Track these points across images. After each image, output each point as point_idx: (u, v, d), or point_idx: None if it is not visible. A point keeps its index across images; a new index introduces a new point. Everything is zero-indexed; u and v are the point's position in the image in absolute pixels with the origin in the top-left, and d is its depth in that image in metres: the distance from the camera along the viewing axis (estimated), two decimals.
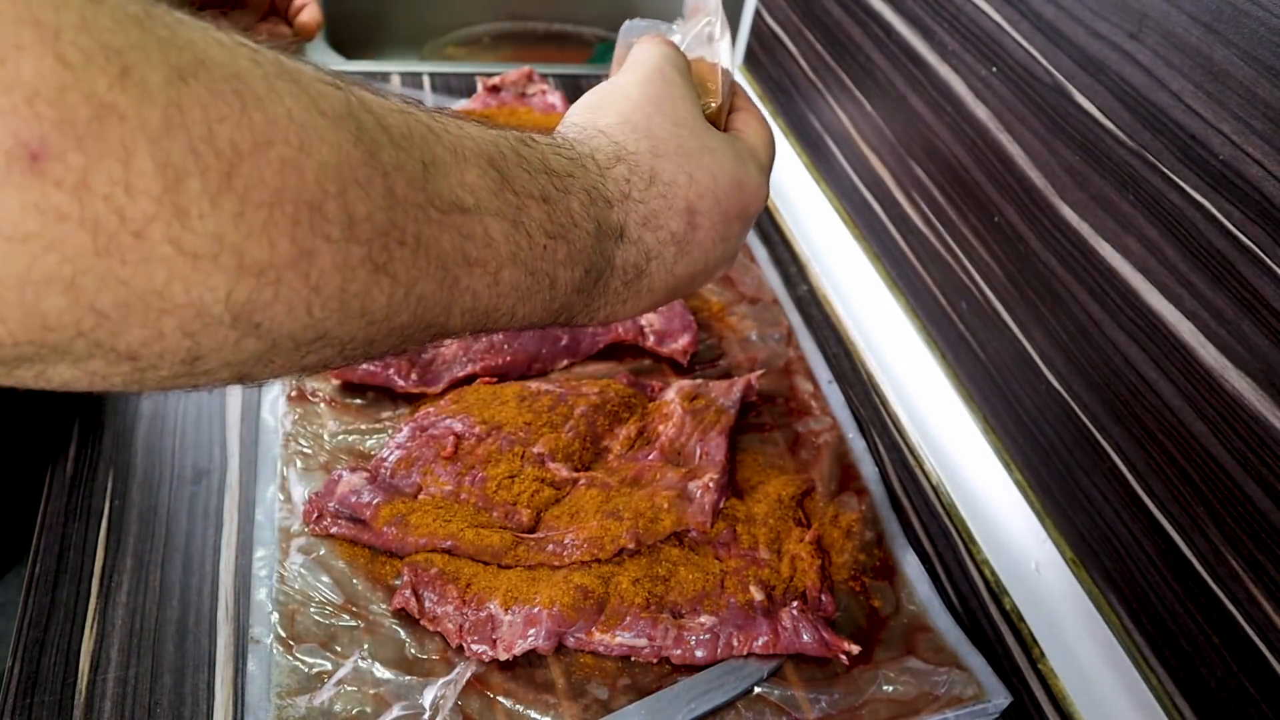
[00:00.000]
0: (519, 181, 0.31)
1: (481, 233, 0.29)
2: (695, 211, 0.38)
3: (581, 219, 0.34)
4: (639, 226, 0.37)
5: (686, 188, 0.38)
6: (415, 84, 0.84)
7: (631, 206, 0.36)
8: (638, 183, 0.37)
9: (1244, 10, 0.38)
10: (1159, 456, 0.44)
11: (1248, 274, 0.39)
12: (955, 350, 0.59)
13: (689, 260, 0.39)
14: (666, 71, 0.40)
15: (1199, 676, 0.43)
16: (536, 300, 0.33)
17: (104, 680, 0.42)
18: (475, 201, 0.29)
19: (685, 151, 0.38)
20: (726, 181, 0.39)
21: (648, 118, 0.38)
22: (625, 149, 0.37)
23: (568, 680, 0.44)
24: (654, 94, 0.39)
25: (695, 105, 0.40)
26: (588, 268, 0.34)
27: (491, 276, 0.30)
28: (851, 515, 0.53)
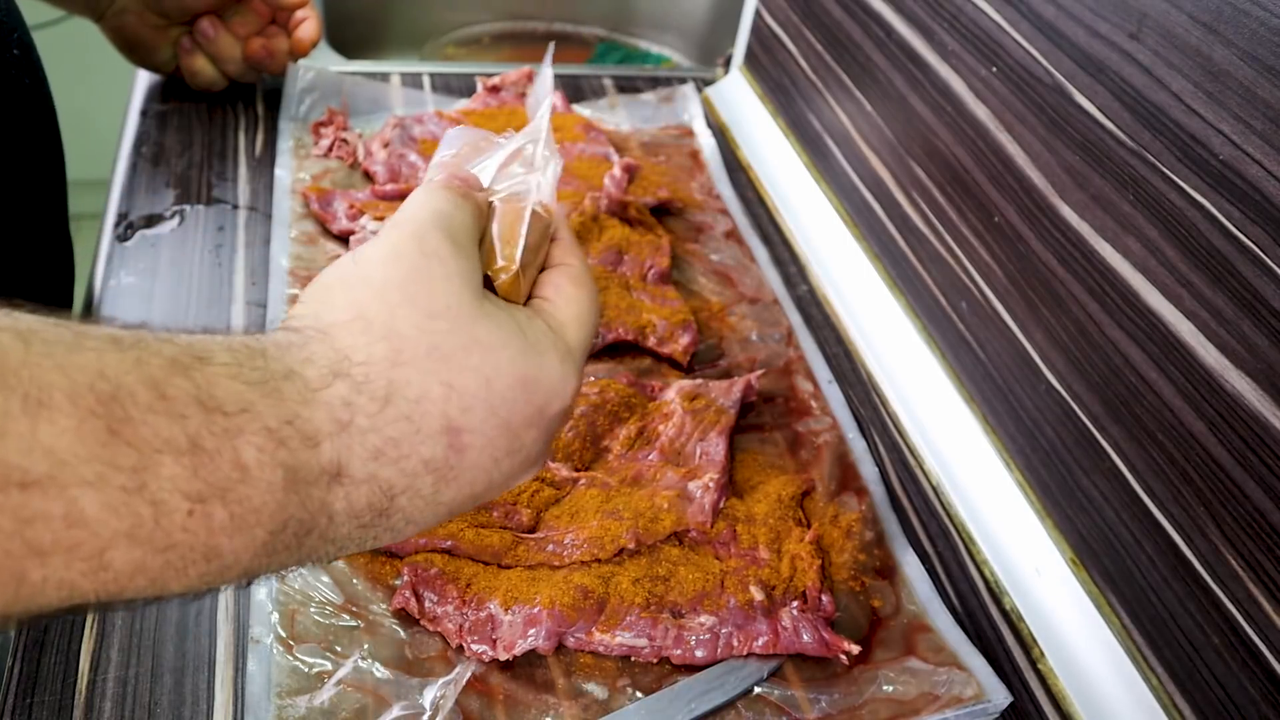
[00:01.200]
0: (145, 430, 0.23)
1: (61, 512, 0.22)
2: (459, 430, 0.30)
3: (257, 469, 0.25)
4: (369, 461, 0.28)
5: (443, 402, 0.30)
6: (415, 84, 0.84)
7: (354, 438, 0.28)
8: (365, 405, 0.28)
9: (1244, 10, 0.38)
10: (1159, 456, 0.44)
11: (1248, 274, 0.39)
12: (955, 350, 0.59)
13: (459, 485, 0.31)
14: (427, 240, 0.31)
15: (1199, 676, 0.43)
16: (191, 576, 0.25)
17: (104, 680, 0.42)
18: (49, 470, 0.22)
19: (442, 353, 0.30)
20: (506, 385, 0.31)
21: (390, 310, 0.30)
22: (350, 360, 0.28)
23: (568, 680, 0.44)
24: (402, 276, 0.30)
25: (465, 283, 0.32)
26: (276, 528, 0.26)
27: (88, 563, 0.23)
28: (851, 515, 0.53)
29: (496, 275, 0.35)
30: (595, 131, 0.78)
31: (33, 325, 0.23)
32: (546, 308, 0.36)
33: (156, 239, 0.65)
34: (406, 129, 0.74)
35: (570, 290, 0.37)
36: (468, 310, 0.31)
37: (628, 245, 0.66)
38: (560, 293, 0.36)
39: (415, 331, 0.30)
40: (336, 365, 0.28)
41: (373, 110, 0.79)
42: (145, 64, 0.77)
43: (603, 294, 0.62)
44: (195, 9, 0.72)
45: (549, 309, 0.36)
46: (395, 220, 0.33)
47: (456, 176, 0.36)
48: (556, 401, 0.33)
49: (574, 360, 0.34)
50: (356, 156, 0.73)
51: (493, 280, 0.35)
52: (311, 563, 0.29)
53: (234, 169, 0.72)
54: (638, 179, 0.75)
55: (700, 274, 0.69)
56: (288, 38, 0.76)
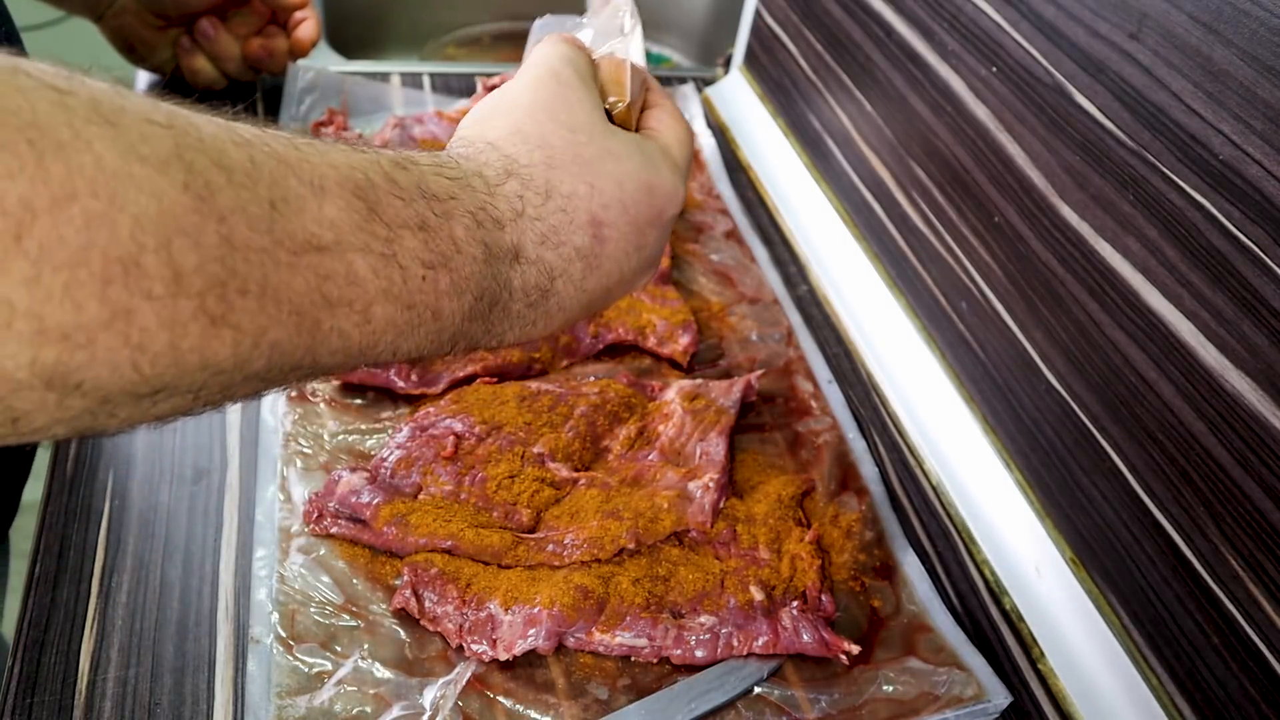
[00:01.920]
0: (390, 211, 0.29)
1: (344, 271, 0.27)
2: (601, 223, 0.36)
3: (466, 244, 0.31)
4: (537, 245, 0.34)
5: (588, 199, 0.36)
6: (415, 84, 0.84)
7: (526, 225, 0.34)
8: (532, 198, 0.34)
9: (1244, 10, 0.38)
10: (1159, 456, 0.44)
11: (1248, 274, 0.39)
12: (955, 350, 0.59)
13: (600, 274, 0.37)
14: (561, 73, 0.38)
15: (1199, 676, 0.43)
16: (420, 334, 0.31)
17: (104, 680, 0.42)
18: (335, 238, 0.27)
19: (584, 159, 0.36)
20: (634, 187, 0.37)
21: (540, 126, 0.36)
22: (517, 162, 0.35)
23: (568, 680, 0.44)
24: (547, 99, 0.37)
25: (595, 107, 0.38)
26: (478, 295, 0.32)
27: (360, 315, 0.28)
28: (851, 515, 0.53)
29: (613, 108, 0.41)
30: None
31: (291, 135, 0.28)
32: (654, 134, 0.42)
33: None
34: (406, 129, 0.74)
35: (669, 121, 0.43)
36: (600, 127, 0.37)
37: None
38: (662, 123, 0.43)
39: (562, 142, 0.36)
40: (508, 166, 0.34)
41: (373, 110, 0.79)
42: (144, 65, 0.77)
43: None
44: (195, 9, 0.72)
45: (656, 134, 0.42)
46: (531, 63, 0.39)
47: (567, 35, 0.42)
48: (671, 206, 0.39)
49: (681, 173, 0.41)
50: None
51: (609, 112, 0.41)
52: (491, 340, 0.35)
53: None
54: None
55: (700, 274, 0.69)
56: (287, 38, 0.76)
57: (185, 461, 0.52)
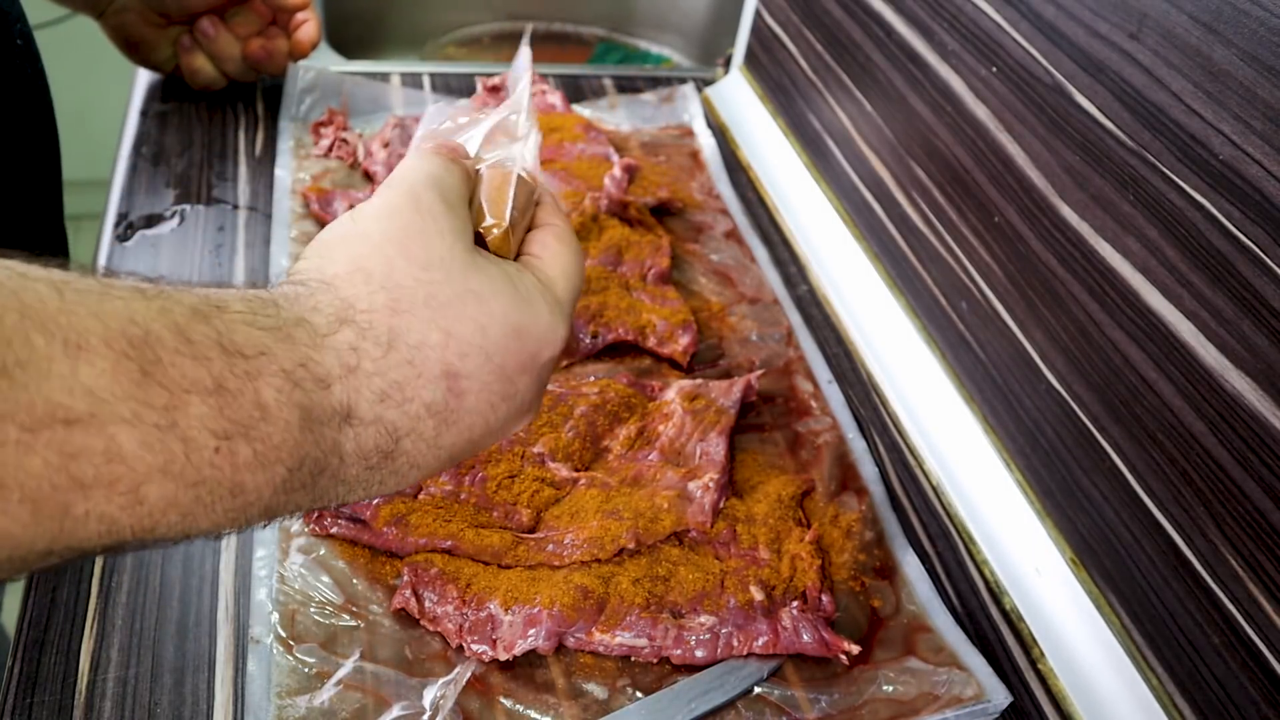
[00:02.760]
0: (174, 372, 0.25)
1: (101, 447, 0.23)
2: (457, 375, 0.32)
3: (277, 409, 0.27)
4: (375, 404, 0.30)
5: (441, 348, 0.31)
6: (415, 84, 0.84)
7: (362, 381, 0.30)
8: (370, 350, 0.30)
9: (1244, 10, 0.38)
10: (1159, 456, 0.44)
11: (1248, 274, 0.39)
12: (955, 350, 0.59)
13: (459, 429, 0.33)
14: (422, 198, 0.34)
15: (1199, 676, 0.43)
16: (217, 512, 0.27)
17: (104, 680, 0.42)
18: (90, 408, 0.23)
19: (438, 303, 0.32)
20: (500, 332, 0.33)
21: (387, 262, 0.32)
22: (354, 307, 0.30)
23: (568, 680, 0.44)
24: (399, 230, 0.33)
25: (458, 237, 0.34)
26: (294, 465, 0.28)
27: (126, 497, 0.24)
28: (851, 515, 0.53)
29: (488, 232, 0.37)
30: (595, 131, 0.78)
31: (64, 277, 0.25)
32: (535, 263, 0.37)
33: (156, 239, 0.65)
34: (406, 129, 0.74)
35: (556, 247, 0.38)
36: (460, 263, 0.33)
37: (628, 245, 0.66)
38: (547, 249, 0.38)
39: (412, 282, 0.32)
40: (342, 313, 0.30)
41: (373, 110, 0.79)
42: (145, 63, 0.77)
43: (602, 294, 0.62)
44: (196, 8, 0.72)
45: (537, 264, 0.37)
46: (390, 181, 0.35)
47: (445, 145, 0.38)
48: (547, 349, 0.35)
49: (563, 311, 0.36)
50: (356, 156, 0.73)
51: (484, 237, 0.37)
52: (323, 505, 0.31)
53: (234, 169, 0.72)
54: (638, 179, 0.75)
55: (700, 274, 0.69)
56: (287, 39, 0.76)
57: None
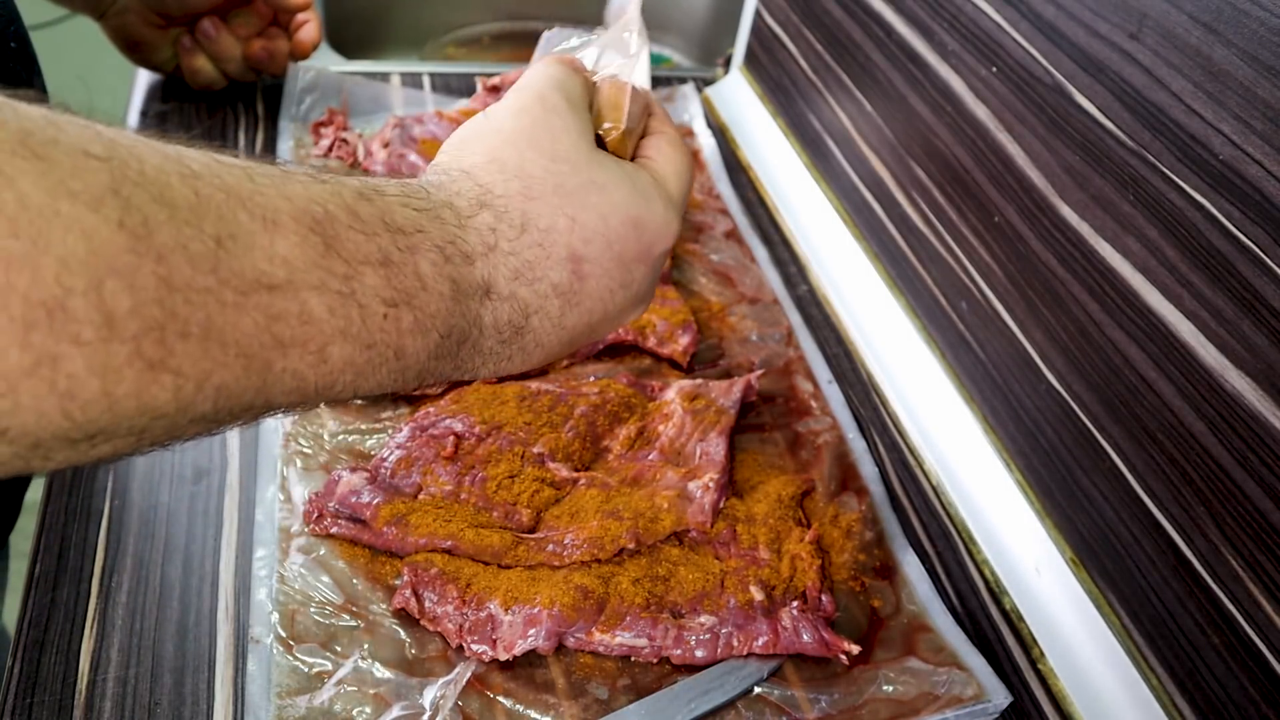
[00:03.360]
0: (350, 246, 0.28)
1: (297, 310, 0.26)
2: (581, 259, 0.34)
3: (433, 281, 0.30)
4: (510, 281, 0.33)
5: (568, 233, 0.34)
6: (415, 84, 0.84)
7: (499, 259, 0.32)
8: (506, 231, 0.33)
9: (1244, 10, 0.38)
10: (1159, 456, 0.44)
11: (1248, 274, 0.39)
12: (955, 350, 0.59)
13: (581, 311, 0.35)
14: (548, 98, 0.36)
15: (1199, 676, 0.43)
16: (383, 373, 0.29)
17: (104, 680, 0.42)
18: (288, 276, 0.26)
19: (565, 191, 0.34)
20: (620, 221, 0.35)
21: (520, 154, 0.34)
22: (491, 193, 0.33)
23: (568, 680, 0.44)
24: (529, 126, 0.35)
25: (582, 135, 0.36)
26: (445, 332, 0.31)
27: (315, 355, 0.27)
28: (851, 515, 0.53)
29: (607, 134, 0.39)
30: None
31: (247, 163, 0.27)
32: (650, 164, 0.40)
33: None
34: (406, 129, 0.74)
35: (669, 150, 0.41)
36: (585, 156, 0.35)
37: None
38: (660, 152, 0.40)
39: (542, 172, 0.34)
40: (481, 197, 0.33)
41: (373, 110, 0.79)
42: (146, 63, 0.77)
43: None
44: (197, 9, 0.72)
45: (652, 164, 0.40)
46: (519, 85, 0.37)
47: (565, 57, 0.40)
48: (661, 241, 0.37)
49: (675, 207, 0.38)
50: (356, 156, 0.73)
51: (604, 139, 0.39)
52: (462, 376, 0.34)
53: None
54: None
55: (700, 274, 0.69)
56: (288, 39, 0.76)
57: (185, 461, 0.52)
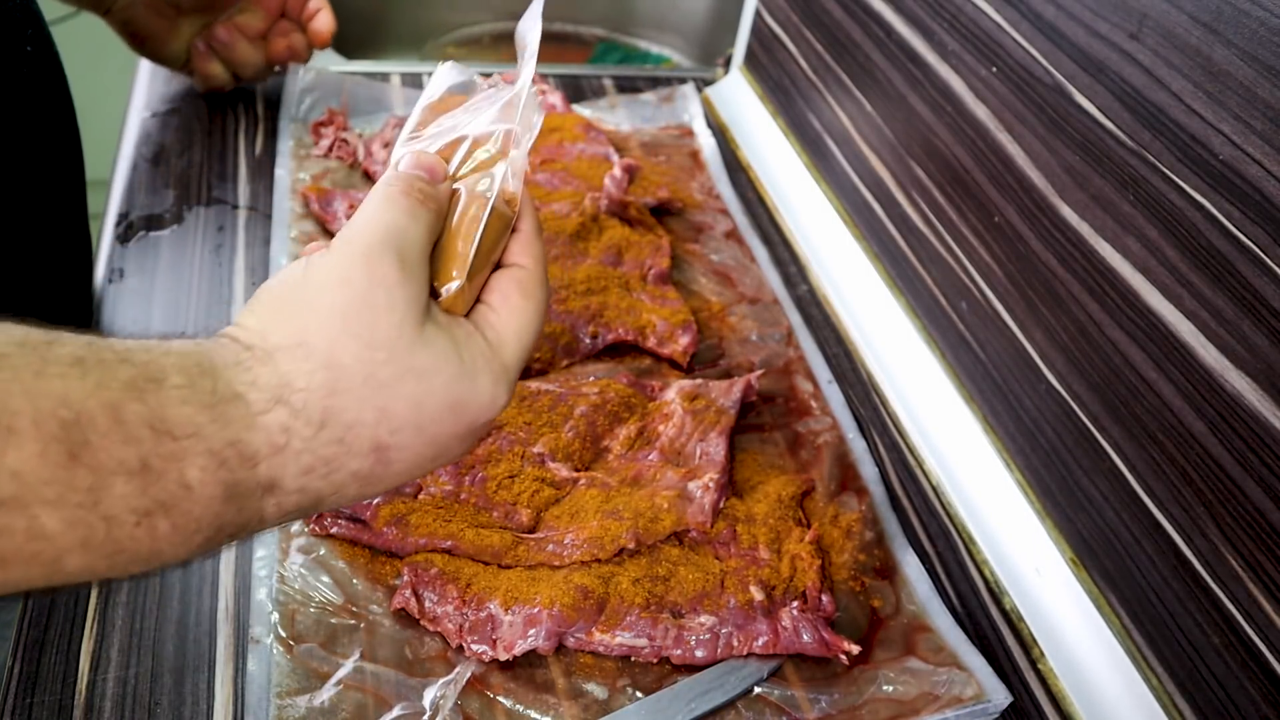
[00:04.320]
0: (101, 454, 0.25)
1: (24, 526, 0.24)
2: (386, 448, 0.32)
3: (201, 486, 0.28)
4: (300, 476, 0.30)
5: (374, 426, 0.31)
6: (415, 84, 0.84)
7: (289, 458, 0.30)
8: (301, 429, 0.30)
9: (1244, 10, 0.38)
10: (1159, 456, 0.44)
11: (1248, 274, 0.39)
12: (955, 350, 0.59)
13: (382, 484, 0.33)
14: (376, 263, 0.32)
15: (1199, 676, 0.43)
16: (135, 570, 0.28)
17: (104, 680, 0.42)
18: (16, 491, 0.24)
19: (377, 382, 0.31)
20: (436, 406, 0.33)
21: (331, 341, 0.31)
22: (291, 386, 0.30)
23: (568, 680, 0.44)
24: (347, 304, 0.31)
25: (408, 310, 0.32)
26: (212, 532, 0.29)
27: (47, 567, 0.25)
28: (851, 515, 0.53)
29: (441, 288, 0.35)
30: (595, 131, 0.78)
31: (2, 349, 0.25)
32: (490, 319, 0.36)
33: (156, 239, 0.65)
34: None
35: (516, 300, 0.37)
36: (407, 340, 0.32)
37: (628, 245, 0.66)
38: (506, 302, 0.36)
39: (354, 362, 0.31)
40: (278, 391, 0.30)
41: (373, 110, 0.79)
42: (154, 57, 0.75)
43: (602, 294, 0.62)
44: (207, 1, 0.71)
45: (491, 321, 0.36)
46: (349, 235, 0.33)
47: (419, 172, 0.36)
48: (484, 416, 0.35)
49: (508, 377, 0.35)
50: (356, 156, 0.73)
51: (437, 290, 0.35)
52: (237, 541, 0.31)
53: (234, 169, 0.72)
54: (638, 179, 0.75)
55: (700, 274, 0.69)
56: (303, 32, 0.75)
57: None
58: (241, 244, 0.65)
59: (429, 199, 0.35)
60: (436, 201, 0.35)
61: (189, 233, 0.66)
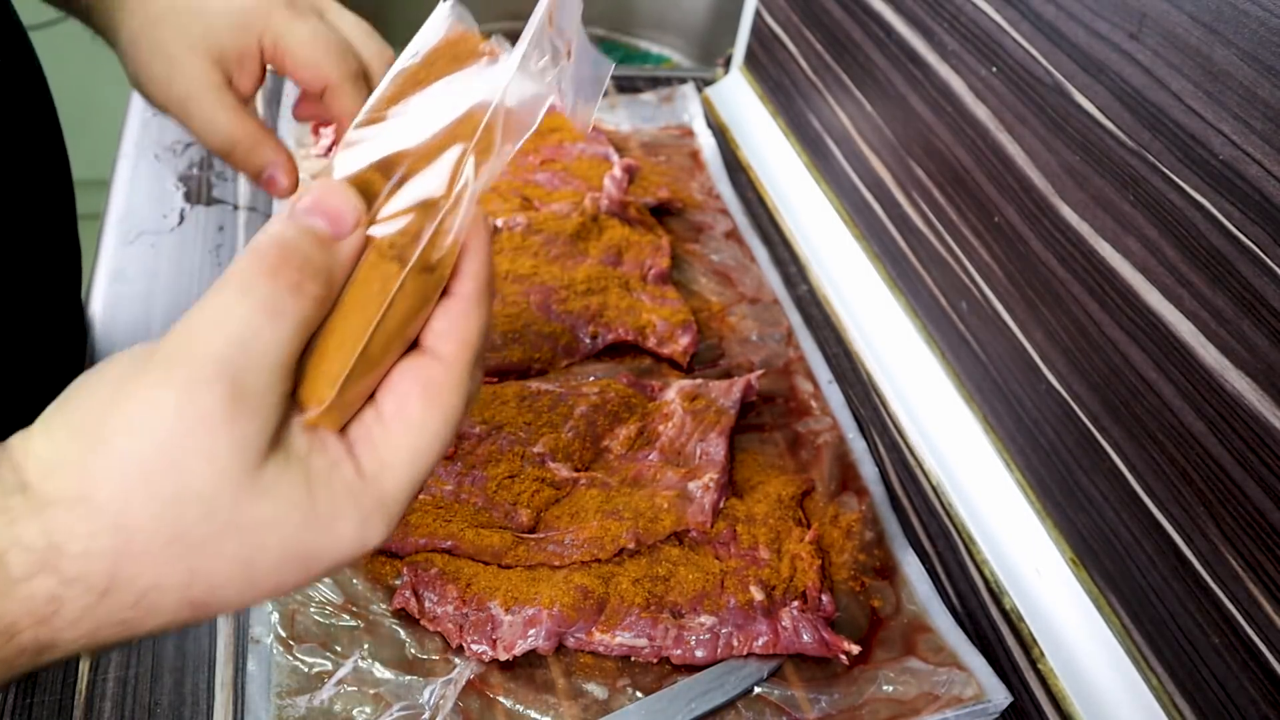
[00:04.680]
0: None
1: None
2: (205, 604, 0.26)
3: None
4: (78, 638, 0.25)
5: (184, 588, 0.25)
6: None
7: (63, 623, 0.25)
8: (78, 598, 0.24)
9: (1244, 10, 0.38)
10: (1159, 456, 0.44)
11: (1248, 274, 0.39)
12: (955, 350, 0.59)
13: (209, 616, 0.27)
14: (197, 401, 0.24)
15: (1199, 676, 0.43)
16: None
17: (104, 680, 0.42)
18: None
19: (186, 543, 0.25)
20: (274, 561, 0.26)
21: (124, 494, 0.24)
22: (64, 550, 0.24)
23: (568, 680, 0.44)
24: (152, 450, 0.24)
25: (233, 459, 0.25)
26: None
27: None
28: (851, 515, 0.53)
29: (306, 404, 0.26)
30: (595, 131, 0.78)
31: None
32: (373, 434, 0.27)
33: (156, 239, 0.65)
34: None
35: (415, 410, 0.27)
36: (231, 491, 0.25)
37: (628, 245, 0.66)
38: (401, 413, 0.27)
39: (152, 523, 0.25)
40: (45, 556, 0.24)
41: None
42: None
43: (602, 294, 0.62)
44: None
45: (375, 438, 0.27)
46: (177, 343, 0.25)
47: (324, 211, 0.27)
48: (347, 558, 0.28)
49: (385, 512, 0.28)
50: None
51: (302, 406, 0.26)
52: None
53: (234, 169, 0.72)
54: (638, 179, 0.75)
55: (700, 274, 0.69)
56: None
57: None
58: (241, 244, 0.65)
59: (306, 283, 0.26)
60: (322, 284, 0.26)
61: (189, 233, 0.66)
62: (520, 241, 0.64)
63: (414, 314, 0.27)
